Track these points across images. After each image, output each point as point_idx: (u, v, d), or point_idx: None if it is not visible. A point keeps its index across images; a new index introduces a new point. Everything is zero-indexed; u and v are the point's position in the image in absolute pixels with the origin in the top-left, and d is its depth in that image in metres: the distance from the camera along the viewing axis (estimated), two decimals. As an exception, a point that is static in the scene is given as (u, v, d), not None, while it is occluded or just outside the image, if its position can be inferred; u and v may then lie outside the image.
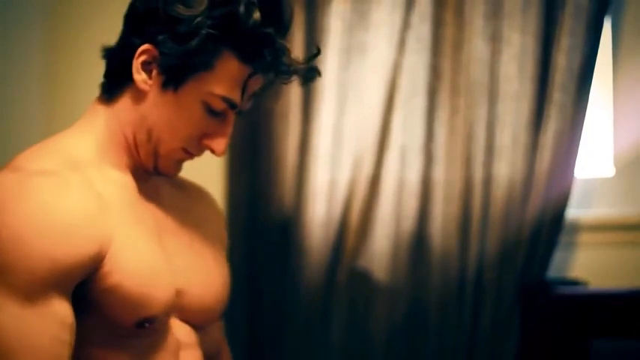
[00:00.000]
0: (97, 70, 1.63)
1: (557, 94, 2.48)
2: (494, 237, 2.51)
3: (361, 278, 2.56)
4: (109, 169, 1.58)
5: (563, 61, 2.47)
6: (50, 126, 2.38)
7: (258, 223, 2.62)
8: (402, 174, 2.55)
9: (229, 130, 1.59)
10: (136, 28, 1.55)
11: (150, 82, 1.55)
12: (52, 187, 1.46)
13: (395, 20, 2.53)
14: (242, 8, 1.50)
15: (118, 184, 1.58)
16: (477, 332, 2.52)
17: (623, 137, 2.63)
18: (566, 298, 2.48)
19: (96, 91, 1.63)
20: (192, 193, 1.78)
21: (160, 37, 1.52)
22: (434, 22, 2.53)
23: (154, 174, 1.62)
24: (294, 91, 2.55)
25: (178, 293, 1.58)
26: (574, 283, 2.56)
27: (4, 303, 1.40)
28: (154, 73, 1.54)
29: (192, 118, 1.55)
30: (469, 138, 2.52)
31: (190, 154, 1.61)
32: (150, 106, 1.55)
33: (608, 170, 2.65)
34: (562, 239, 2.53)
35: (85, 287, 1.47)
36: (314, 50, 1.65)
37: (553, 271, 2.56)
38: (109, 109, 1.59)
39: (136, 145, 1.58)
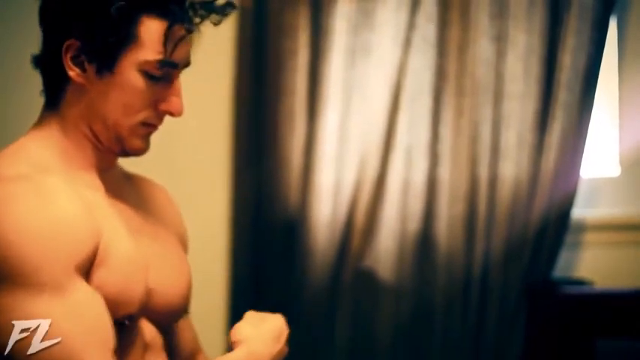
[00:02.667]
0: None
1: (563, 94, 2.48)
2: (500, 237, 2.51)
3: (366, 278, 2.56)
4: (77, 173, 1.58)
5: (569, 61, 2.47)
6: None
7: (264, 223, 2.62)
8: (407, 174, 2.55)
9: (179, 87, 1.59)
10: (52, 27, 1.56)
11: (84, 74, 1.54)
12: (37, 190, 1.46)
13: (400, 20, 2.53)
14: None
15: (90, 186, 1.58)
16: (483, 332, 2.52)
17: (629, 137, 2.63)
18: (572, 297, 2.48)
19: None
20: (148, 188, 1.77)
21: (78, 28, 1.52)
22: (439, 23, 2.53)
23: (124, 155, 1.62)
24: (299, 91, 2.55)
25: (148, 292, 1.59)
26: (579, 282, 2.56)
27: (43, 302, 1.41)
28: (86, 64, 1.53)
29: (138, 91, 1.55)
30: (474, 138, 2.52)
31: (153, 126, 1.59)
32: (94, 95, 1.55)
33: (614, 170, 2.65)
34: (567, 239, 2.53)
35: None
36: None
37: (558, 271, 2.56)
38: (58, 115, 1.58)
39: (97, 137, 1.58)
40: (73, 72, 1.54)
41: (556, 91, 2.48)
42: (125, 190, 1.67)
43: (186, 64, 1.60)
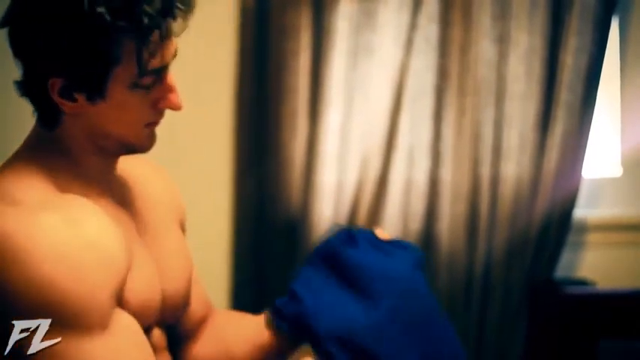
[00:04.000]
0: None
1: (565, 94, 2.48)
2: (502, 237, 2.51)
3: (369, 278, 2.56)
4: (88, 187, 1.54)
5: (571, 61, 2.47)
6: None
7: (266, 224, 2.62)
8: (409, 174, 2.55)
9: (172, 84, 1.54)
10: (32, 66, 1.49)
11: (77, 103, 1.48)
12: (67, 218, 1.41)
13: (402, 21, 2.53)
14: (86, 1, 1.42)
15: (102, 197, 1.54)
16: (485, 331, 2.53)
17: (631, 137, 2.64)
18: (574, 298, 2.48)
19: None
20: (145, 175, 1.72)
21: (58, 66, 1.45)
22: (441, 23, 2.53)
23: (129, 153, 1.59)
24: (301, 91, 2.55)
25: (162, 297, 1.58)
26: (581, 283, 2.56)
27: (93, 342, 1.37)
28: (75, 94, 1.47)
29: (135, 106, 1.51)
30: (476, 138, 2.52)
31: (156, 123, 1.57)
32: (93, 117, 1.50)
33: (616, 170, 2.65)
34: (569, 239, 2.53)
35: None
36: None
37: (560, 271, 2.56)
38: (56, 136, 1.53)
39: (102, 148, 1.55)
40: (65, 106, 1.47)
41: (558, 92, 2.49)
42: (126, 191, 1.65)
43: (174, 55, 1.53)
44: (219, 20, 2.54)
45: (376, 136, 2.55)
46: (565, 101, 2.48)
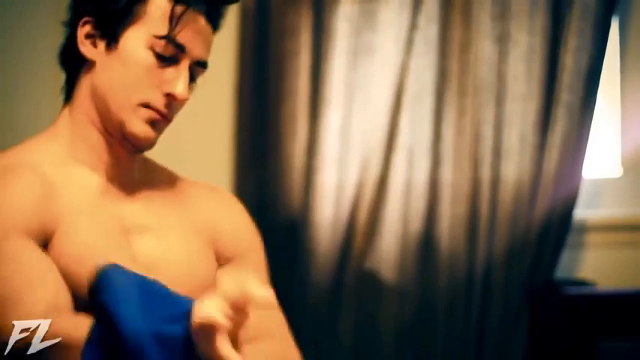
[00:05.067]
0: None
1: (565, 95, 2.48)
2: (502, 238, 2.51)
3: (369, 279, 2.56)
4: (74, 167, 1.60)
5: (571, 61, 2.47)
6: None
7: (266, 224, 2.61)
8: (409, 175, 2.55)
9: (185, 72, 1.59)
10: (72, 5, 1.61)
11: (95, 49, 1.58)
12: (2, 175, 1.54)
13: (402, 21, 2.53)
14: None
15: (80, 182, 1.59)
16: (485, 333, 2.52)
17: (631, 137, 2.63)
18: (574, 298, 2.48)
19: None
20: (196, 193, 1.74)
21: (91, 5, 1.57)
22: (441, 23, 2.53)
23: (132, 150, 1.62)
24: (301, 92, 2.55)
25: None
26: (582, 283, 2.56)
27: None
28: (97, 40, 1.58)
29: (141, 67, 1.57)
30: (477, 139, 2.52)
31: (156, 110, 1.59)
32: (99, 73, 1.59)
33: (616, 170, 2.65)
34: (570, 240, 2.53)
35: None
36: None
37: (561, 272, 2.56)
38: (71, 107, 1.62)
39: (102, 120, 1.60)
40: (85, 47, 1.57)
41: (558, 92, 2.49)
42: (142, 188, 1.66)
43: (200, 60, 1.60)
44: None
45: (376, 136, 2.55)
46: (565, 101, 2.48)
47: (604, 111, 2.62)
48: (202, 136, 2.62)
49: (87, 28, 1.58)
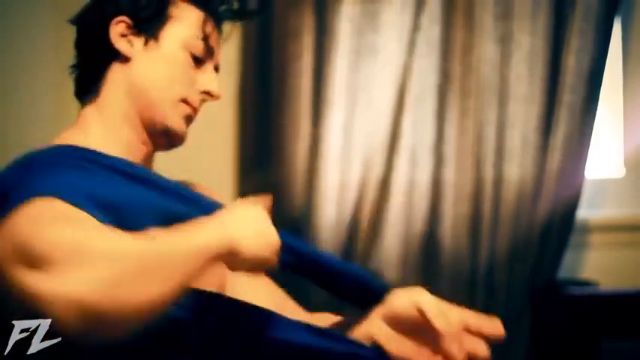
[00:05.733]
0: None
1: (567, 96, 2.48)
2: (505, 238, 2.51)
3: (372, 279, 2.57)
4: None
5: (573, 62, 2.47)
6: (61, 121, 2.39)
7: (269, 224, 2.63)
8: (412, 175, 2.56)
9: (215, 73, 1.65)
10: (98, 10, 1.62)
11: (133, 48, 1.60)
12: None
13: (405, 22, 2.53)
14: None
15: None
16: (488, 333, 2.52)
17: (633, 138, 2.64)
18: (577, 298, 2.48)
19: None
20: None
21: (125, 2, 1.59)
22: (444, 24, 2.53)
23: (167, 146, 1.65)
24: (304, 93, 2.56)
25: None
26: (584, 283, 2.56)
27: None
28: (132, 38, 1.59)
29: (180, 64, 1.60)
30: (479, 139, 2.53)
31: (191, 107, 1.63)
32: (137, 69, 1.60)
33: (618, 171, 2.66)
34: (572, 240, 2.53)
35: None
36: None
37: (563, 272, 2.56)
38: (97, 103, 1.62)
39: (140, 116, 1.61)
40: (121, 44, 1.59)
41: (560, 93, 2.49)
42: None
43: (217, 65, 1.66)
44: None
45: (379, 137, 2.56)
46: (568, 102, 2.48)
47: (606, 112, 2.62)
48: (206, 137, 2.63)
49: (121, 27, 1.59)
